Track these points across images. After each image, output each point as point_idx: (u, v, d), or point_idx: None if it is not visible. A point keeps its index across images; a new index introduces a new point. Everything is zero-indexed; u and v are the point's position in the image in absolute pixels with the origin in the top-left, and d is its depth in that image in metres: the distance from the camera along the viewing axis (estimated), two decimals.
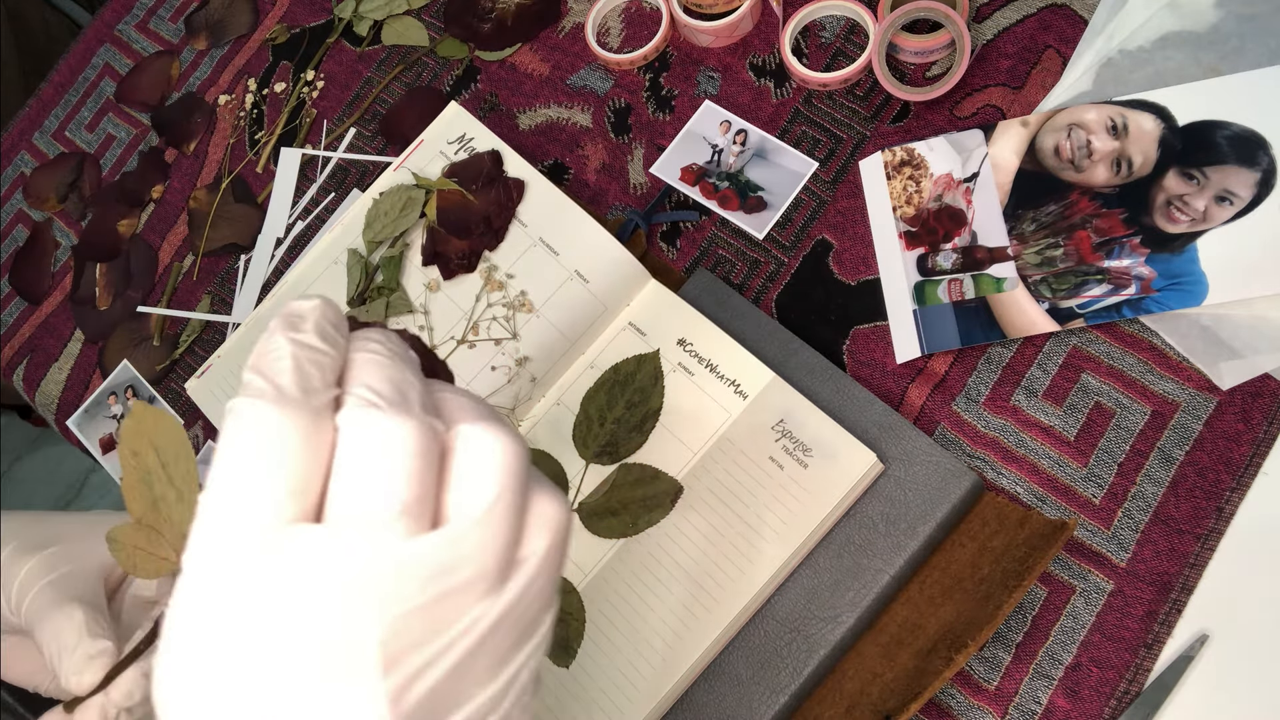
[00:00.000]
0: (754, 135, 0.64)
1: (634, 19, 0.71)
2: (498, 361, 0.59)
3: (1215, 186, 0.54)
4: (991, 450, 0.54)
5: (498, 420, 0.27)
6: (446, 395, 0.27)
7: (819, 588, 0.52)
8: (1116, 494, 0.52)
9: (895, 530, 0.52)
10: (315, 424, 0.24)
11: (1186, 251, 0.53)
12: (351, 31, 0.78)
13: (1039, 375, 0.55)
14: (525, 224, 0.61)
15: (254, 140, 0.76)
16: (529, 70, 0.71)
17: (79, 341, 0.76)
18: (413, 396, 0.26)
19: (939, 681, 0.46)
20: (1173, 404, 0.53)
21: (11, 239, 0.82)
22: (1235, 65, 0.57)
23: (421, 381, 0.27)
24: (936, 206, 0.59)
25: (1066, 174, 0.57)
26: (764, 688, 0.51)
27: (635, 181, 0.66)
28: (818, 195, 0.62)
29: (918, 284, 0.57)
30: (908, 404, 0.56)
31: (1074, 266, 0.55)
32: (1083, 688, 0.49)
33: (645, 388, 0.57)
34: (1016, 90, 0.61)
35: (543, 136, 0.69)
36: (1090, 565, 0.51)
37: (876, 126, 0.63)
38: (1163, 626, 0.49)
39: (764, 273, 0.61)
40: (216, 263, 0.74)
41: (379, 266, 0.63)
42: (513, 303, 0.60)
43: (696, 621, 0.52)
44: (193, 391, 0.65)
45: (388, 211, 0.63)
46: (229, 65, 0.80)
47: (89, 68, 0.85)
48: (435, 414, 0.26)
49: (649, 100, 0.68)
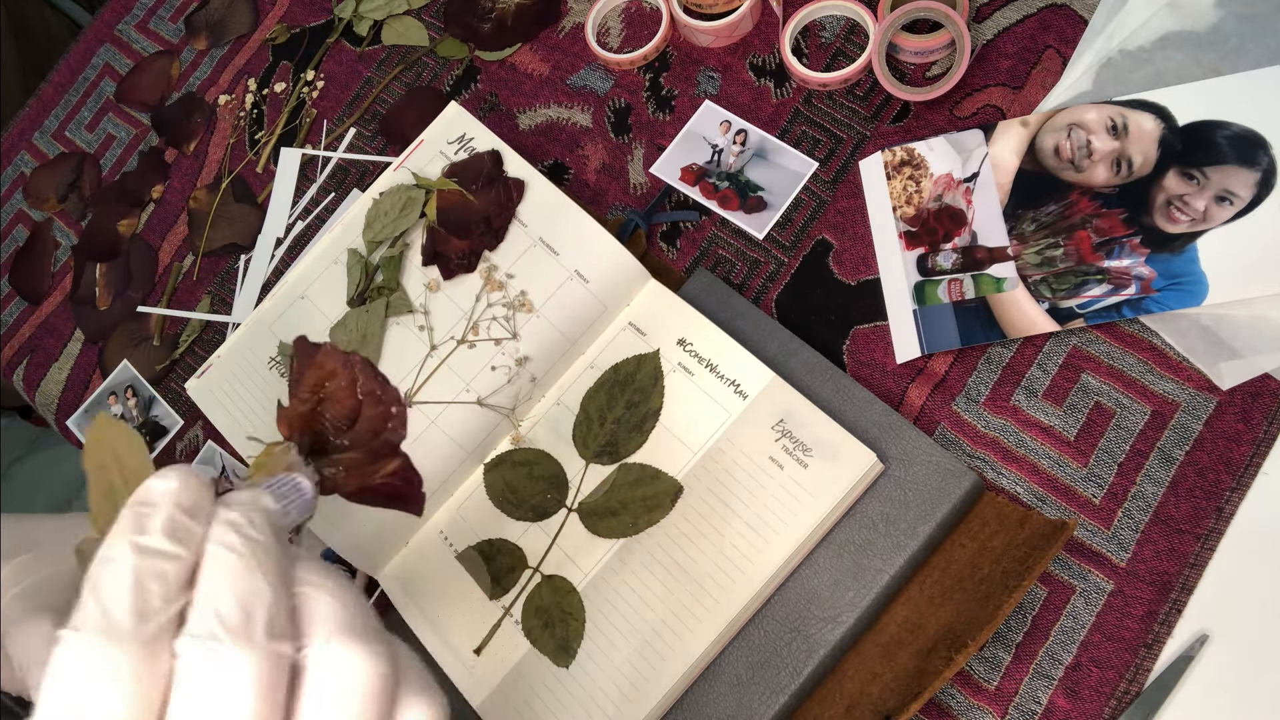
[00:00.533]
0: (754, 135, 0.64)
1: (634, 19, 0.71)
2: (498, 361, 0.59)
3: (1215, 186, 0.54)
4: (991, 450, 0.54)
5: (359, 631, 0.25)
6: (309, 596, 0.25)
7: (819, 588, 0.52)
8: (1116, 494, 0.52)
9: (895, 530, 0.52)
10: (149, 656, 0.23)
11: (1186, 251, 0.53)
12: (351, 31, 0.78)
13: (1039, 375, 0.55)
14: (525, 224, 0.61)
15: (254, 140, 0.76)
16: (529, 70, 0.71)
17: (79, 341, 0.76)
18: (260, 616, 0.24)
19: (939, 681, 0.46)
20: (1173, 404, 0.53)
21: (11, 239, 0.82)
22: (1235, 65, 0.57)
23: (278, 581, 0.25)
24: (936, 206, 0.59)
25: (1066, 174, 0.57)
26: (764, 688, 0.51)
27: (635, 181, 0.66)
28: (818, 195, 0.62)
29: (918, 284, 0.57)
30: (908, 404, 0.56)
31: (1074, 266, 0.55)
32: (1083, 688, 0.49)
33: (645, 388, 0.57)
34: (1016, 90, 0.61)
35: (543, 136, 0.69)
36: (1090, 565, 0.51)
37: (876, 126, 0.63)
38: (1163, 626, 0.49)
39: (764, 273, 0.61)
40: (216, 263, 0.74)
41: (379, 266, 0.63)
42: (513, 303, 0.60)
43: (696, 621, 0.52)
44: (193, 391, 0.65)
45: (388, 211, 0.63)
46: (229, 65, 0.80)
47: (89, 68, 0.85)
48: (289, 628, 0.24)
49: (649, 100, 0.68)
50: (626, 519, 0.55)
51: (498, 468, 0.59)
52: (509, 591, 0.56)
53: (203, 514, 0.25)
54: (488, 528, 0.58)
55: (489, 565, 0.57)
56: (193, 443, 0.69)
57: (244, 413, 0.62)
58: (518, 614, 0.55)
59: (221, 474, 0.67)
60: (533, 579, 0.56)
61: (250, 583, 0.24)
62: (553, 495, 0.57)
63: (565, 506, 0.56)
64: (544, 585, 0.55)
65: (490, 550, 0.57)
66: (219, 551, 0.24)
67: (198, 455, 0.68)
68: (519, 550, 0.56)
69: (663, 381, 0.57)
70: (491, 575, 0.56)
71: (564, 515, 0.56)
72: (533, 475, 0.58)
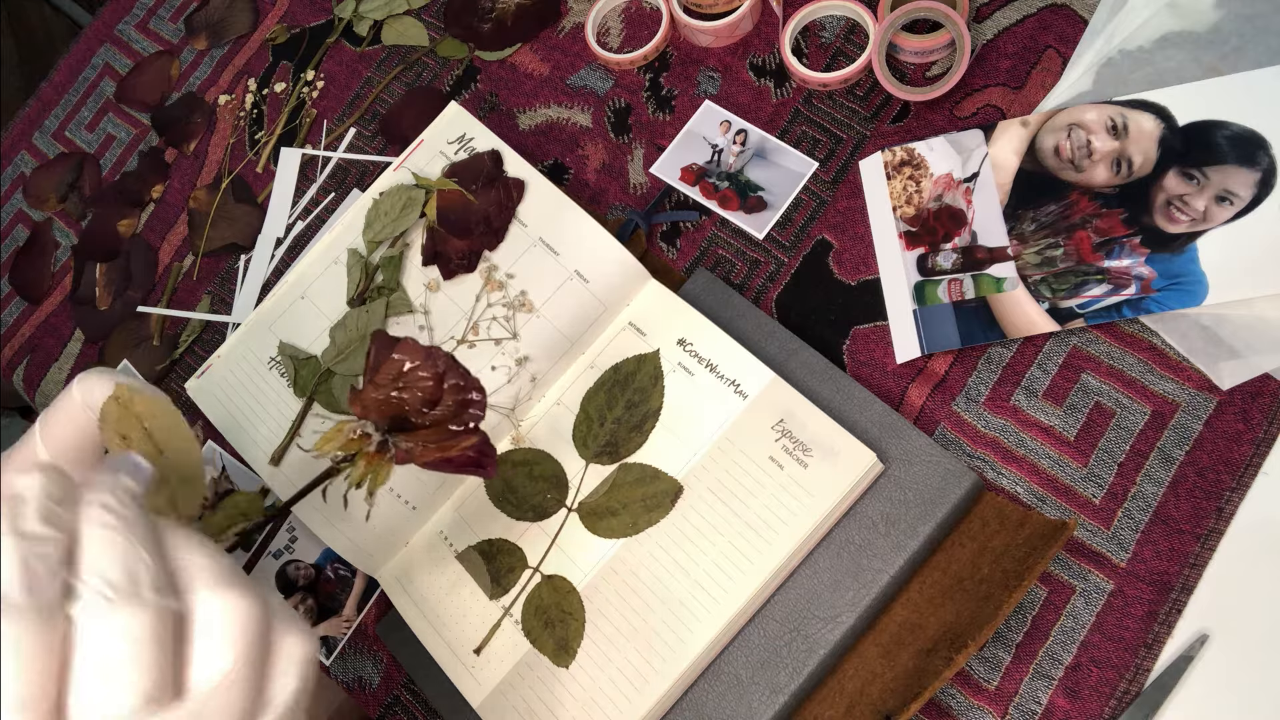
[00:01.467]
0: (754, 135, 0.64)
1: (634, 19, 0.71)
2: (498, 361, 0.59)
3: (1215, 186, 0.54)
4: (991, 450, 0.54)
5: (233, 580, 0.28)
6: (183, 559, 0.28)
7: (819, 588, 0.52)
8: (1116, 494, 0.52)
9: (895, 530, 0.52)
10: (45, 624, 0.24)
11: (1186, 251, 0.53)
12: (351, 31, 0.78)
13: (1039, 375, 0.55)
14: (525, 224, 0.61)
15: (254, 140, 0.76)
16: (529, 70, 0.71)
17: (79, 341, 0.76)
18: (144, 577, 0.26)
19: (939, 681, 0.46)
20: (1173, 404, 0.53)
21: (11, 239, 0.82)
22: (1235, 65, 0.57)
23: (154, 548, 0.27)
24: (936, 206, 0.59)
25: (1066, 174, 0.57)
26: (764, 688, 0.51)
27: (635, 181, 0.66)
28: (818, 195, 0.62)
29: (918, 284, 0.57)
30: (908, 404, 0.56)
31: (1074, 266, 0.55)
32: (1083, 688, 0.49)
33: (645, 388, 0.57)
34: (1016, 90, 0.61)
35: (543, 136, 0.69)
36: (1090, 565, 0.51)
37: (876, 126, 0.63)
38: (1163, 626, 0.49)
39: (764, 273, 0.61)
40: (216, 263, 0.74)
41: (379, 266, 0.63)
42: (513, 303, 0.60)
43: (696, 621, 0.52)
44: (193, 391, 0.65)
45: (388, 211, 0.63)
46: (229, 65, 0.80)
47: (89, 68, 0.85)
48: (171, 585, 0.27)
49: (649, 100, 0.68)
50: (626, 519, 0.55)
51: (498, 468, 0.59)
52: (509, 591, 0.56)
53: (69, 500, 0.28)
54: (488, 528, 0.58)
55: (489, 565, 0.57)
56: None
57: (244, 412, 0.62)
58: (518, 614, 0.55)
59: (222, 473, 0.67)
60: (533, 579, 0.56)
61: (130, 550, 0.27)
62: (553, 495, 0.57)
63: (565, 506, 0.56)
64: (544, 585, 0.55)
65: (490, 550, 0.57)
66: (96, 529, 0.27)
67: None
68: (519, 550, 0.56)
69: (663, 381, 0.57)
70: (491, 575, 0.56)
71: (564, 515, 0.56)
72: (533, 475, 0.58)
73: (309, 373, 0.61)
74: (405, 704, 0.59)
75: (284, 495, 0.59)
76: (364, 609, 0.61)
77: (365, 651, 0.61)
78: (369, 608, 0.61)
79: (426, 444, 0.43)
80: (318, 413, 0.61)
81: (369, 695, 0.60)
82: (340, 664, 0.61)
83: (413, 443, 0.43)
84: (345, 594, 0.62)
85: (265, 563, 0.64)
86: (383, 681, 0.60)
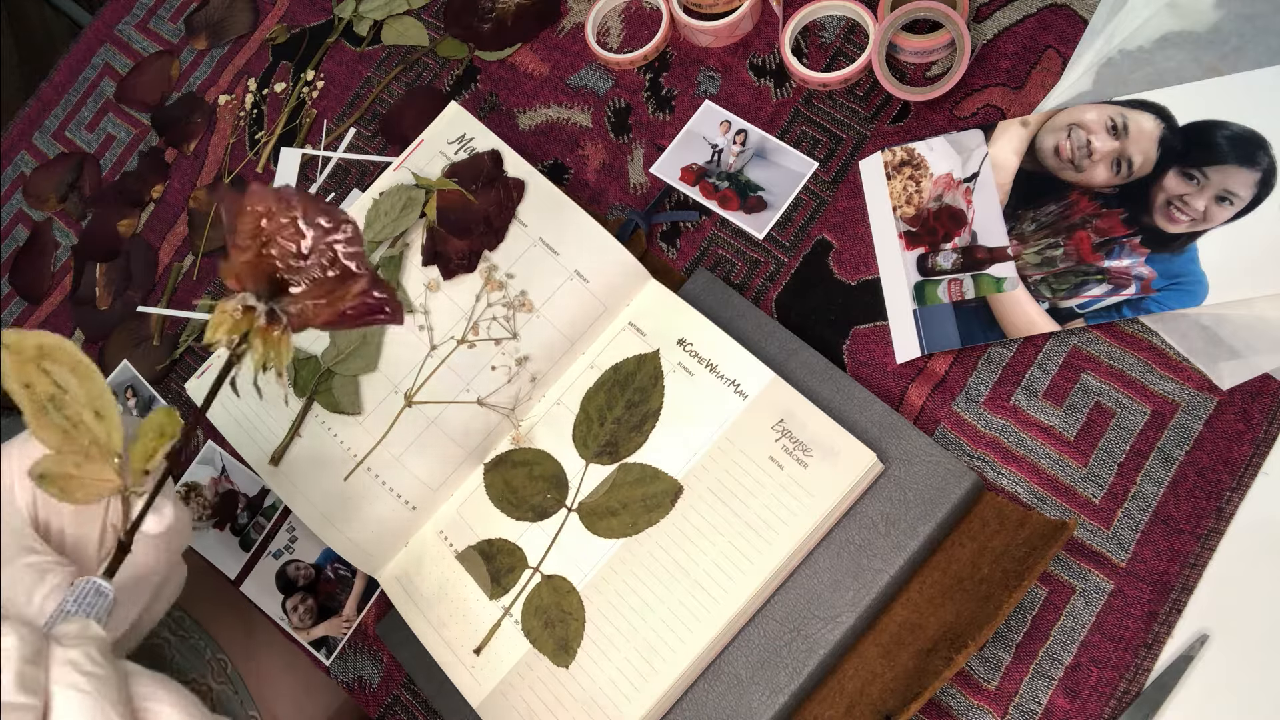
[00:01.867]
0: (754, 135, 0.64)
1: (634, 19, 0.71)
2: (498, 361, 0.59)
3: (1215, 186, 0.54)
4: (991, 450, 0.54)
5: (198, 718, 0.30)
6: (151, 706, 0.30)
7: (819, 588, 0.52)
8: (1116, 494, 0.52)
9: (895, 530, 0.52)
10: None
11: (1186, 251, 0.53)
12: (351, 31, 0.78)
13: (1039, 375, 0.55)
14: (525, 224, 0.61)
15: (254, 140, 0.76)
16: (529, 70, 0.71)
17: (79, 341, 0.76)
18: None
19: (939, 681, 0.46)
20: (1173, 404, 0.53)
21: (11, 239, 0.82)
22: (1235, 65, 0.57)
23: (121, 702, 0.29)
24: (936, 206, 0.59)
25: (1066, 174, 0.57)
26: (764, 688, 0.51)
27: (635, 181, 0.66)
28: (818, 195, 0.62)
29: (918, 284, 0.57)
30: (908, 404, 0.56)
31: (1074, 266, 0.55)
32: (1083, 688, 0.49)
33: (645, 388, 0.57)
34: (1016, 90, 0.61)
35: (543, 136, 0.69)
36: (1090, 565, 0.51)
37: (876, 126, 0.63)
38: (1163, 626, 0.49)
39: (764, 273, 0.61)
40: (216, 263, 0.74)
41: (379, 266, 0.63)
42: (513, 302, 0.60)
43: (696, 621, 0.52)
44: (193, 392, 0.65)
45: (388, 211, 0.63)
46: (229, 65, 0.80)
47: (89, 68, 0.85)
48: None
49: (649, 100, 0.68)
50: (626, 519, 0.55)
51: (498, 468, 0.59)
52: (509, 591, 0.56)
53: (43, 657, 0.28)
54: (488, 527, 0.58)
55: (489, 565, 0.57)
56: (193, 443, 0.69)
57: (244, 413, 0.62)
58: (518, 614, 0.55)
59: (221, 474, 0.67)
60: (533, 579, 0.56)
61: (99, 710, 0.28)
62: (553, 495, 0.57)
63: (565, 506, 0.56)
64: (544, 585, 0.55)
65: (490, 550, 0.57)
66: (67, 693, 0.28)
67: (198, 455, 0.68)
68: (519, 550, 0.56)
69: (663, 381, 0.57)
70: (491, 575, 0.56)
71: (564, 515, 0.56)
72: (533, 475, 0.58)
73: (309, 373, 0.61)
74: (405, 704, 0.59)
75: (284, 495, 0.59)
76: (364, 609, 0.61)
77: (365, 651, 0.61)
78: (369, 608, 0.61)
79: (315, 302, 0.39)
80: (318, 413, 0.61)
81: (369, 695, 0.60)
82: (340, 664, 0.61)
83: (300, 304, 0.39)
84: (345, 594, 0.62)
85: (265, 563, 0.64)
86: (383, 681, 0.60)
